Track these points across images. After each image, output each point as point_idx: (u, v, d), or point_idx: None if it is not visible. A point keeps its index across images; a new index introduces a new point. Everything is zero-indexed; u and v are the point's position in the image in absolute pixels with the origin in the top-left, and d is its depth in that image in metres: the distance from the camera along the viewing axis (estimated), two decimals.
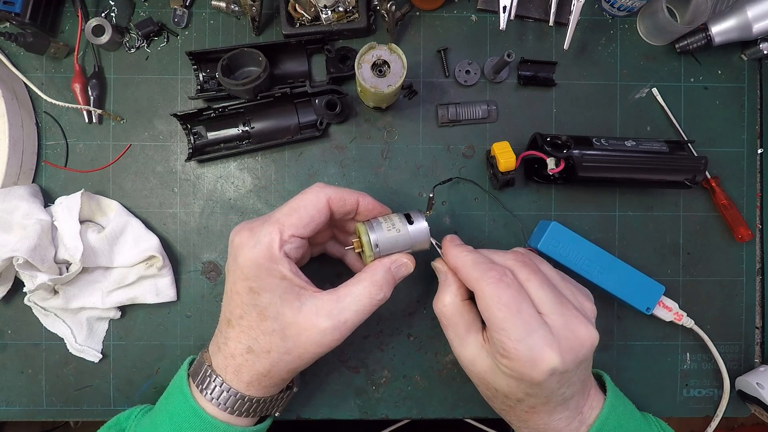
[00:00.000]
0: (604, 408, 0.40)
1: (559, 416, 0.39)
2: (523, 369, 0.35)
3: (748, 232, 0.51)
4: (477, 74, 0.52)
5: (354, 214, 0.41)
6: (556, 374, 0.36)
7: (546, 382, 0.36)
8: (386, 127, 0.52)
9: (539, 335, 0.35)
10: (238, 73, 0.50)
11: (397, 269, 0.40)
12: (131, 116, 0.52)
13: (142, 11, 0.52)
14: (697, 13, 0.49)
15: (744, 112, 0.53)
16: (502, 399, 0.40)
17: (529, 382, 0.36)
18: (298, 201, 0.39)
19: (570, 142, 0.47)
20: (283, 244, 0.37)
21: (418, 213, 0.41)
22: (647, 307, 0.50)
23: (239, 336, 0.39)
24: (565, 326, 0.36)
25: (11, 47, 0.51)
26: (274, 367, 0.38)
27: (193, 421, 0.39)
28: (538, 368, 0.35)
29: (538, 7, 0.52)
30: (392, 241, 0.40)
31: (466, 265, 0.39)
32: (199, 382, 0.40)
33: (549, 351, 0.35)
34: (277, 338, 0.38)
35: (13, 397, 0.51)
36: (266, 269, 0.37)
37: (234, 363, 0.39)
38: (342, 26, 0.50)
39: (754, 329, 0.53)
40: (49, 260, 0.46)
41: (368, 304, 0.39)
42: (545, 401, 0.38)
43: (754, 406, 0.51)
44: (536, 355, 0.35)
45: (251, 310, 0.38)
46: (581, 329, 0.37)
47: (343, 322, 0.38)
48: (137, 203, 0.51)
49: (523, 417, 0.40)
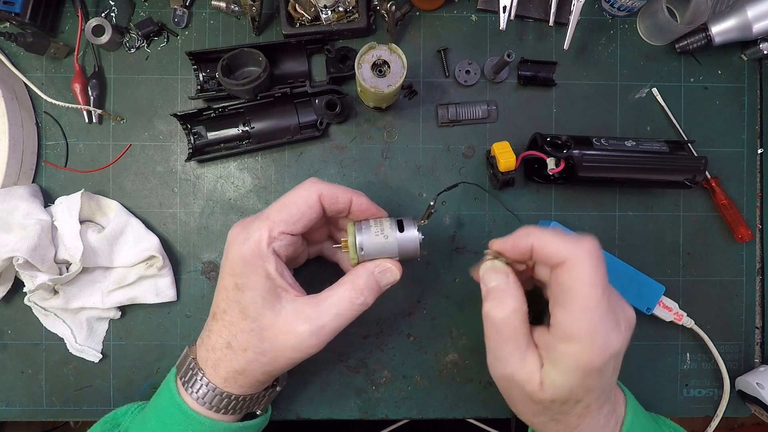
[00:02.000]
0: (629, 408, 0.39)
1: (606, 410, 0.37)
2: (594, 355, 0.33)
3: (748, 232, 0.51)
4: (477, 74, 0.52)
5: (347, 212, 0.41)
6: (614, 357, 0.34)
7: (607, 366, 0.34)
8: (386, 127, 0.52)
9: (611, 316, 0.34)
10: (238, 73, 0.50)
11: (382, 275, 0.39)
12: (131, 116, 0.52)
13: (142, 11, 0.52)
14: (697, 13, 0.49)
15: (744, 112, 0.53)
16: (557, 409, 0.36)
17: (597, 369, 0.33)
18: (289, 197, 0.38)
19: (570, 142, 0.47)
20: (272, 241, 0.37)
21: (411, 221, 0.40)
22: (647, 307, 0.50)
23: (221, 330, 0.39)
24: (617, 303, 0.35)
25: (11, 47, 0.51)
26: (249, 366, 0.38)
27: (177, 417, 0.39)
28: (607, 351, 0.33)
29: (538, 7, 0.52)
30: (378, 247, 0.39)
31: (549, 240, 0.35)
32: (182, 374, 0.40)
33: (617, 332, 0.34)
34: (254, 338, 0.37)
35: (13, 397, 0.51)
36: (252, 266, 0.37)
37: (213, 357, 0.39)
38: (342, 26, 0.50)
39: (754, 329, 0.53)
40: (49, 260, 0.46)
41: (348, 309, 0.37)
42: (599, 395, 0.36)
43: (754, 406, 0.51)
44: (611, 339, 0.33)
45: (235, 306, 0.38)
46: (628, 309, 0.36)
47: (321, 327, 0.37)
48: (137, 203, 0.51)
49: (575, 422, 0.37)
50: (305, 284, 0.40)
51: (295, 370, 0.51)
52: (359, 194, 0.40)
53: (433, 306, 0.52)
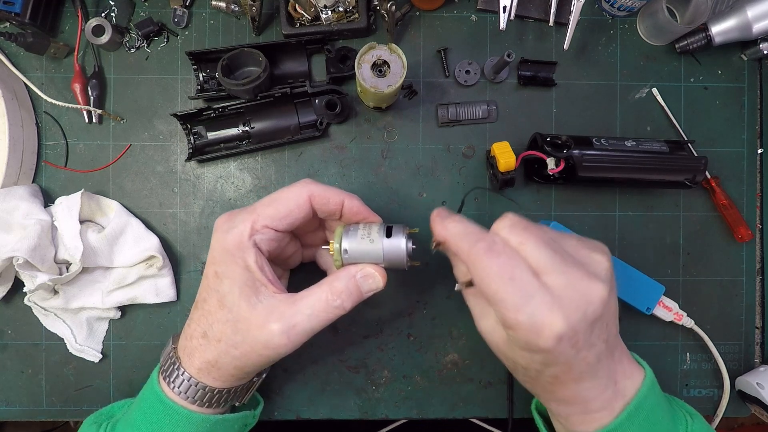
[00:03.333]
0: (645, 384, 0.37)
1: (589, 384, 0.35)
2: (529, 338, 0.32)
3: (748, 232, 0.51)
4: (477, 74, 0.52)
5: (339, 215, 0.40)
6: (566, 338, 0.32)
7: (557, 348, 0.32)
8: (386, 127, 0.52)
9: (538, 300, 0.32)
10: (238, 73, 0.50)
11: (363, 280, 0.38)
12: (131, 116, 0.52)
13: (142, 11, 0.52)
14: (697, 13, 0.49)
15: (744, 112, 0.53)
16: (522, 371, 0.37)
17: (540, 351, 0.33)
18: (280, 193, 0.38)
19: (570, 142, 0.47)
20: (254, 233, 0.37)
21: (401, 228, 0.38)
22: (647, 307, 0.50)
23: (200, 319, 0.39)
24: (567, 284, 0.33)
25: (11, 47, 0.51)
26: (220, 357, 0.38)
27: (157, 408, 0.39)
28: (544, 335, 0.32)
29: (538, 7, 0.52)
30: (363, 251, 0.38)
31: (455, 237, 0.35)
32: (163, 363, 0.40)
33: (551, 315, 0.32)
34: (228, 329, 0.37)
35: (13, 397, 0.51)
36: (232, 255, 0.37)
37: (190, 345, 0.39)
38: (342, 26, 0.50)
39: (754, 329, 0.53)
40: (49, 260, 0.46)
41: (322, 310, 0.37)
42: (567, 369, 0.34)
43: (754, 406, 0.51)
44: (538, 322, 0.32)
45: (213, 295, 0.38)
46: (584, 284, 0.33)
47: (292, 326, 0.36)
48: (137, 203, 0.51)
49: (548, 389, 0.37)
50: (301, 285, 0.39)
51: (295, 370, 0.51)
52: (352, 197, 0.40)
53: (433, 306, 0.52)
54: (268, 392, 0.51)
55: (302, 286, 0.39)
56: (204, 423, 0.39)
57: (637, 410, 0.36)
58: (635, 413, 0.36)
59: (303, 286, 0.38)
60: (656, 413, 0.37)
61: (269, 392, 0.51)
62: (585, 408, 0.36)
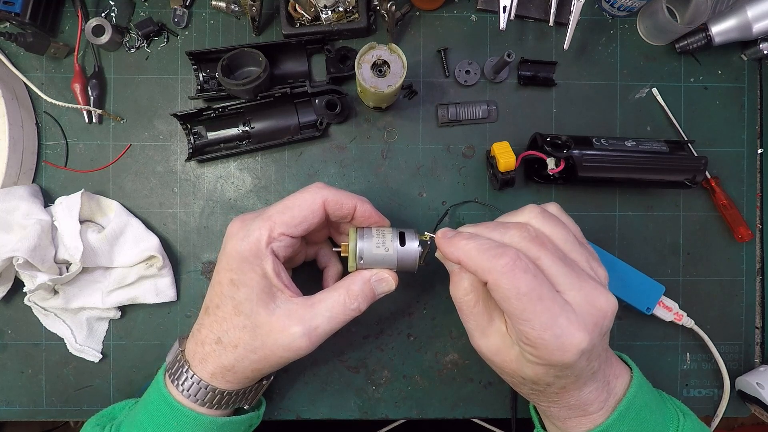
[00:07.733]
0: (633, 383, 0.39)
1: (589, 389, 0.37)
2: (552, 356, 0.33)
3: (748, 232, 0.51)
4: (477, 74, 0.52)
5: (350, 218, 0.41)
6: (586, 353, 0.34)
7: (576, 363, 0.34)
8: (386, 127, 0.52)
9: (564, 319, 0.33)
10: (238, 73, 0.50)
11: (377, 283, 0.39)
12: (131, 116, 0.52)
13: (142, 11, 0.52)
14: (697, 13, 0.49)
15: (744, 112, 0.53)
16: (531, 386, 0.38)
17: (560, 366, 0.34)
18: (294, 200, 0.39)
19: (570, 142, 0.47)
20: (271, 241, 0.37)
21: (413, 235, 0.40)
22: (647, 307, 0.50)
23: (212, 325, 0.39)
24: (585, 301, 0.34)
25: (11, 47, 0.51)
26: (238, 362, 0.38)
27: (164, 410, 0.39)
28: (568, 353, 0.33)
29: (538, 7, 0.52)
30: (378, 258, 0.39)
31: (472, 256, 0.35)
32: (170, 366, 0.40)
33: (577, 333, 0.33)
34: (246, 335, 0.38)
35: (13, 397, 0.51)
36: (249, 263, 0.37)
37: (202, 351, 0.39)
38: (342, 26, 0.50)
39: (754, 329, 0.53)
40: (49, 260, 0.46)
41: (341, 312, 0.38)
42: (575, 379, 0.36)
43: (754, 406, 0.51)
44: (565, 341, 0.33)
45: (228, 302, 0.38)
46: (601, 300, 0.34)
47: (314, 328, 0.37)
48: (137, 203, 0.51)
49: (553, 398, 0.38)
50: (302, 284, 0.40)
51: (295, 370, 0.51)
52: (364, 201, 0.40)
53: (433, 306, 0.52)
54: (269, 392, 0.51)
55: (301, 284, 0.40)
56: (211, 425, 0.40)
57: (628, 409, 0.38)
58: (626, 412, 0.38)
59: (301, 281, 0.39)
60: (646, 411, 0.38)
61: (270, 392, 0.51)
62: (584, 411, 0.38)
